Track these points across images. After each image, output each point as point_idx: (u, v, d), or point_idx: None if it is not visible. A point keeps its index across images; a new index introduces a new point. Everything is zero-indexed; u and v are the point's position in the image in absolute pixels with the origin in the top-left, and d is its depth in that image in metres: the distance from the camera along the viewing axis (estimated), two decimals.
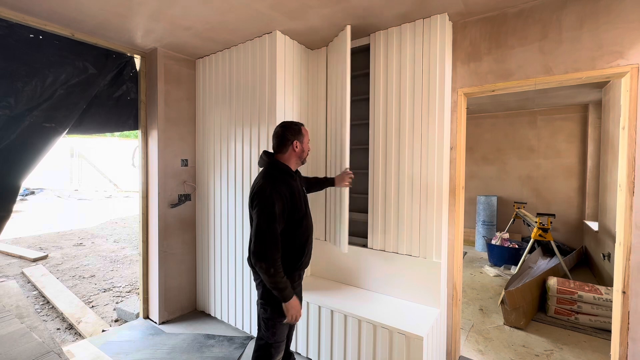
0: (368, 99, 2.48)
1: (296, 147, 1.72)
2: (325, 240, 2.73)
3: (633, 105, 1.75)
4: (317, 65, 2.75)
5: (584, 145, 5.07)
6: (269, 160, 1.71)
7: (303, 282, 2.02)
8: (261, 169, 1.74)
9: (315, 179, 2.17)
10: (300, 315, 1.64)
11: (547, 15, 1.96)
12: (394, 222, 2.33)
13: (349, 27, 2.27)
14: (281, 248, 1.58)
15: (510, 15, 2.08)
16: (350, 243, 2.59)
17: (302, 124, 1.78)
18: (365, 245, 2.50)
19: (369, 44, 2.44)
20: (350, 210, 2.67)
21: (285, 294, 1.55)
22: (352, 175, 2.18)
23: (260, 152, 2.56)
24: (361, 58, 2.55)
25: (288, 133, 1.70)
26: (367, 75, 2.49)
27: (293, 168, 1.75)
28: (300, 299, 1.81)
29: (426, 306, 2.20)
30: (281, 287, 1.54)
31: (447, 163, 2.19)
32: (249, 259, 1.67)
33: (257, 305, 1.71)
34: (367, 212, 2.50)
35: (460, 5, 2.04)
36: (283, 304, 1.57)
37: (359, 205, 2.63)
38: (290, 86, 2.60)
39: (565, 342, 2.69)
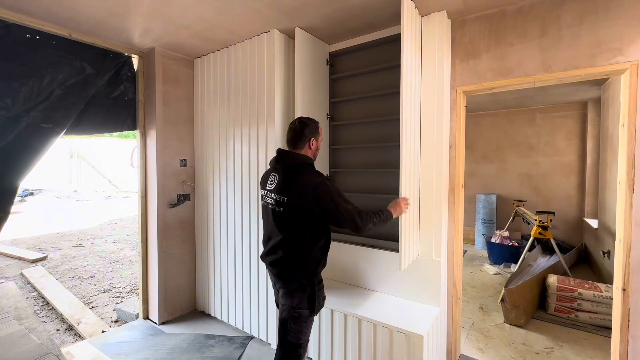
0: (368, 97, 2.47)
1: (312, 145, 1.66)
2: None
3: (632, 102, 1.75)
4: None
5: (583, 143, 5.07)
6: (298, 157, 1.63)
7: None
8: (277, 164, 1.65)
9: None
10: (406, 203, 1.85)
11: (546, 12, 1.95)
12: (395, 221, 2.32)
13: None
14: (320, 240, 1.64)
15: (509, 13, 2.07)
16: (349, 243, 2.59)
17: (318, 122, 1.72)
18: (364, 245, 2.49)
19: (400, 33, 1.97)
20: None
21: (390, 214, 1.72)
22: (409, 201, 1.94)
23: (259, 151, 2.56)
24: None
25: (307, 130, 1.63)
26: (370, 73, 2.48)
27: None
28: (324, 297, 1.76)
29: (426, 305, 2.20)
30: (388, 218, 1.69)
31: (446, 161, 2.18)
32: (276, 263, 1.65)
33: (285, 312, 1.64)
34: None
35: (459, 3, 2.03)
36: (395, 214, 1.76)
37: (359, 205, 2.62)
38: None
39: (565, 340, 2.69)
